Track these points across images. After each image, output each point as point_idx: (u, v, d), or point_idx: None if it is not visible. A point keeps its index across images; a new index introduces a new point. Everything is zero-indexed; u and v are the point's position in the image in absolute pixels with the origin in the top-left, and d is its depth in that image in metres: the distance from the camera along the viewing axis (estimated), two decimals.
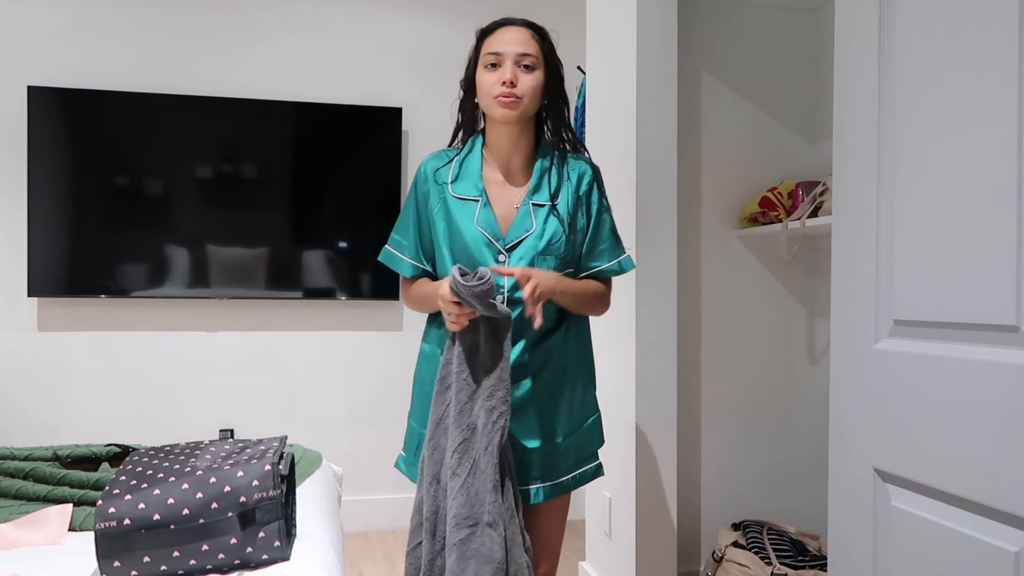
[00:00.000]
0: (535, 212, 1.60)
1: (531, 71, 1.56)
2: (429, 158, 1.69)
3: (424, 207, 1.65)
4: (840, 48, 1.30)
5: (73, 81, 3.17)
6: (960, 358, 1.04)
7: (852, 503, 1.25)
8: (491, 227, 1.59)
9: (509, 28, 1.60)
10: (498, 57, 1.56)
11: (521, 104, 1.55)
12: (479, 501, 1.42)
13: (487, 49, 1.58)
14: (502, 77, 1.54)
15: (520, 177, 1.65)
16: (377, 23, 3.47)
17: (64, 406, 3.19)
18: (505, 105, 1.54)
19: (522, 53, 1.56)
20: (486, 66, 1.58)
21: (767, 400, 2.77)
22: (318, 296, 3.39)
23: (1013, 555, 0.95)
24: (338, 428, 3.42)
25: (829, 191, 2.34)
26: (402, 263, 1.68)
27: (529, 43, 1.58)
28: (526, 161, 1.65)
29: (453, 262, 1.58)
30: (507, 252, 1.59)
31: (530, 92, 1.56)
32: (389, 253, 1.71)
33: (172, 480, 1.37)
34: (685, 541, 2.64)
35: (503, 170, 1.64)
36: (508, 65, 1.55)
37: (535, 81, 1.57)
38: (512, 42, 1.57)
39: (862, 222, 1.23)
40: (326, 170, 3.37)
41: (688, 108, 2.64)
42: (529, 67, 1.56)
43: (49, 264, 3.12)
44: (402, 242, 1.69)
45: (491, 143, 1.65)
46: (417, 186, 1.67)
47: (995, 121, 0.99)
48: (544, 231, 1.59)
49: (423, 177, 1.66)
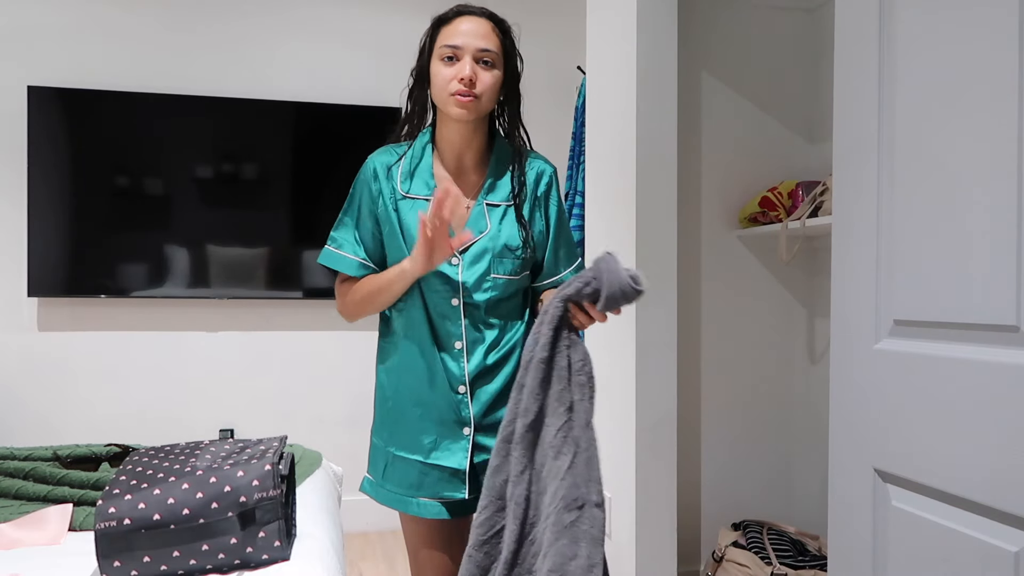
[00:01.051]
0: (489, 212, 1.51)
1: (490, 68, 1.46)
2: (377, 153, 1.58)
3: (373, 206, 1.54)
4: (840, 48, 1.29)
5: (73, 81, 3.17)
6: (960, 358, 1.04)
7: (852, 503, 1.25)
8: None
9: (468, 18, 1.47)
10: (456, 50, 1.44)
11: (479, 104, 1.45)
12: (586, 481, 1.35)
13: (444, 40, 1.46)
14: (460, 73, 1.43)
15: (472, 175, 1.55)
16: (377, 23, 3.47)
17: (64, 406, 3.19)
18: (462, 105, 1.44)
19: (482, 48, 1.44)
20: (442, 58, 1.46)
21: (767, 400, 2.77)
22: (318, 296, 3.39)
23: (1013, 555, 0.95)
24: (338, 428, 3.41)
25: (829, 191, 2.34)
26: (347, 262, 1.54)
27: (490, 37, 1.46)
28: (478, 158, 1.55)
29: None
30: (460, 255, 1.49)
31: (489, 91, 1.46)
32: (331, 254, 1.56)
33: (172, 480, 1.37)
34: (685, 541, 2.64)
35: (454, 167, 1.54)
36: (467, 61, 1.43)
37: (494, 79, 1.46)
38: (472, 34, 1.44)
39: (862, 222, 1.23)
40: (326, 170, 3.37)
41: (688, 108, 2.64)
42: (489, 63, 1.45)
43: (49, 264, 3.12)
44: (346, 242, 1.55)
45: (442, 138, 1.54)
46: (364, 183, 1.56)
47: (995, 120, 0.99)
48: (500, 232, 1.50)
49: (371, 174, 1.55)
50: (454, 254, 1.46)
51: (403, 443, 1.54)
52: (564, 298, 1.37)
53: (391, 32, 3.48)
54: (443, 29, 1.48)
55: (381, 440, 1.61)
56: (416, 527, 1.55)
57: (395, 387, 1.55)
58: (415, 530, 1.55)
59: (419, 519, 1.53)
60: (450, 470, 1.49)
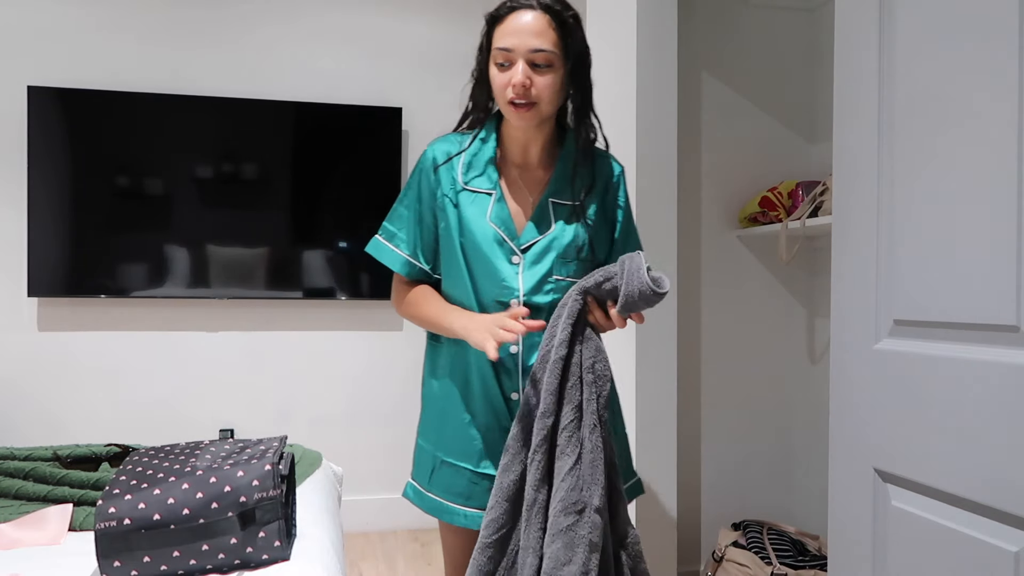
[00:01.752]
0: (554, 211, 1.43)
1: (547, 70, 1.34)
2: (437, 142, 1.48)
3: (430, 197, 1.45)
4: (840, 48, 1.29)
5: (73, 81, 3.17)
6: (960, 358, 1.04)
7: (852, 503, 1.25)
8: (505, 224, 1.41)
9: (522, 13, 1.34)
10: (508, 54, 1.33)
11: (538, 110, 1.36)
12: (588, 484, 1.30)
13: (497, 42, 1.35)
14: (513, 78, 1.32)
15: (538, 170, 1.46)
16: (377, 23, 3.47)
17: (64, 406, 3.19)
18: (519, 114, 1.35)
19: (536, 49, 1.32)
20: (496, 62, 1.36)
21: (767, 400, 2.77)
22: (318, 296, 3.39)
23: (1013, 555, 0.95)
24: (338, 428, 3.42)
25: (829, 191, 2.34)
26: (394, 257, 1.48)
27: (545, 34, 1.32)
28: (544, 152, 1.46)
29: (464, 262, 1.42)
30: (522, 253, 1.41)
31: (546, 94, 1.35)
32: (379, 245, 1.51)
33: (172, 480, 1.37)
34: (685, 541, 2.63)
35: (519, 161, 1.46)
36: (519, 65, 1.32)
37: (551, 81, 1.34)
38: (524, 33, 1.32)
39: (862, 222, 1.23)
40: (326, 170, 3.37)
41: (688, 108, 2.64)
42: (545, 65, 1.33)
43: (49, 264, 3.12)
44: (397, 233, 1.49)
45: (507, 132, 1.45)
46: (422, 173, 1.47)
47: (995, 120, 0.99)
48: (564, 232, 1.42)
49: (430, 164, 1.46)
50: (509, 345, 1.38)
51: (452, 449, 1.46)
52: (582, 290, 1.33)
53: (391, 32, 3.48)
54: (497, 28, 1.37)
55: (428, 443, 1.52)
56: (459, 539, 1.47)
57: (445, 391, 1.48)
58: (458, 543, 1.48)
59: (463, 530, 1.46)
60: None
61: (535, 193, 1.45)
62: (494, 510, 1.34)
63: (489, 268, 1.41)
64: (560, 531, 1.28)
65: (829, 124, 1.39)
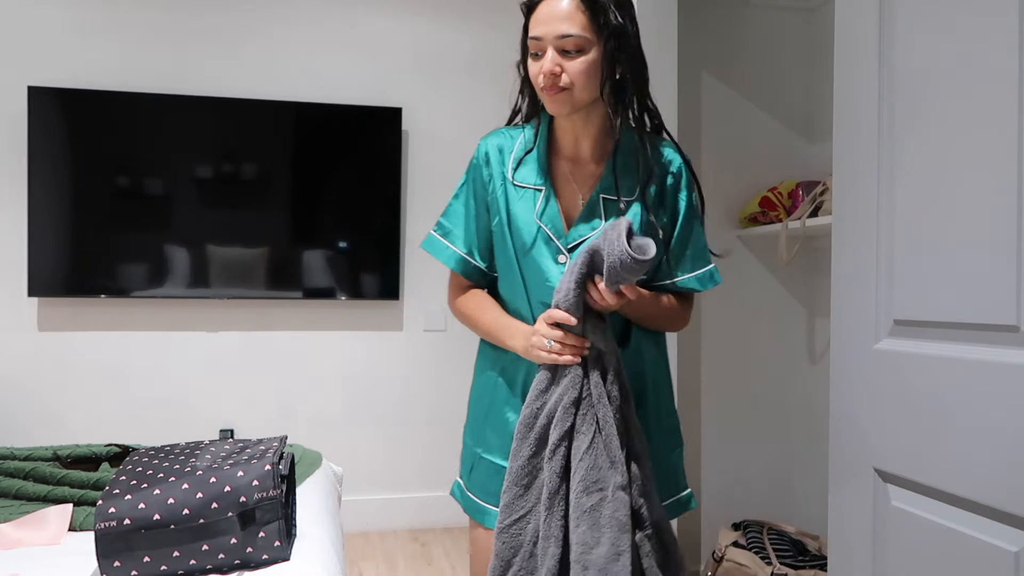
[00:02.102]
0: (605, 207, 1.36)
1: (576, 54, 1.28)
2: (490, 136, 1.45)
3: (483, 192, 1.42)
4: (840, 48, 1.29)
5: (73, 81, 3.17)
6: (960, 358, 1.04)
7: (852, 503, 1.25)
8: (553, 222, 1.36)
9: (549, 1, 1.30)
10: (539, 43, 1.30)
11: (571, 96, 1.30)
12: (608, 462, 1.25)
13: (530, 31, 1.32)
14: (543, 67, 1.29)
15: (591, 164, 1.39)
16: (377, 23, 3.47)
17: (64, 406, 3.19)
18: (552, 101, 1.31)
19: (562, 34, 1.27)
20: (531, 53, 1.32)
21: (767, 400, 2.77)
22: (318, 296, 3.39)
23: (1013, 555, 0.95)
24: (338, 428, 3.42)
25: (829, 191, 2.34)
26: (449, 253, 1.44)
27: (574, 17, 1.27)
28: (597, 145, 1.39)
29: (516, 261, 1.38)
30: (568, 252, 1.36)
31: (580, 79, 1.29)
32: (435, 241, 1.46)
33: (172, 480, 1.37)
34: (685, 541, 2.64)
35: (571, 154, 1.40)
36: (549, 53, 1.29)
37: (584, 65, 1.28)
38: (551, 20, 1.28)
39: (862, 222, 1.23)
40: (326, 170, 3.37)
41: (688, 108, 2.64)
42: (574, 50, 1.28)
43: (49, 264, 3.12)
44: (452, 230, 1.45)
45: (557, 124, 1.40)
46: (475, 169, 1.44)
47: (995, 120, 0.99)
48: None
49: (483, 159, 1.42)
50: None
51: (491, 445, 1.43)
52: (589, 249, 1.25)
53: (391, 32, 3.48)
54: (531, 18, 1.33)
55: (471, 440, 1.49)
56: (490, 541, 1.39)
57: (490, 390, 1.45)
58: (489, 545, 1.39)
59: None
60: None
61: (586, 189, 1.39)
62: (506, 494, 1.31)
63: (535, 267, 1.37)
64: (584, 512, 1.23)
65: (829, 124, 1.39)
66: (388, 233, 3.40)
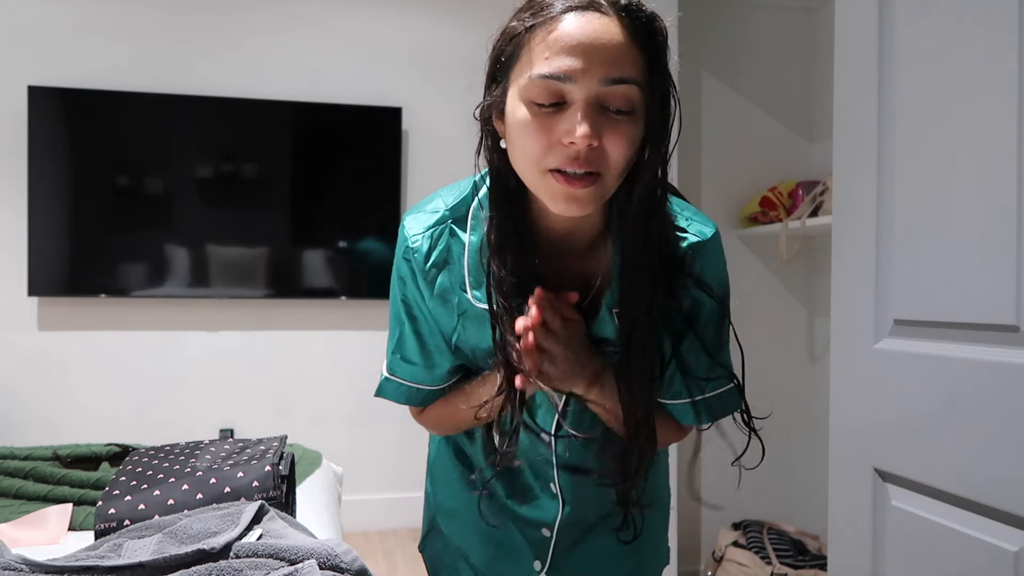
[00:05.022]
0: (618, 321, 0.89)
1: (626, 118, 0.78)
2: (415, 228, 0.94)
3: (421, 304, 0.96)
4: (840, 48, 1.29)
5: (73, 81, 3.17)
6: (960, 358, 1.04)
7: (852, 503, 1.25)
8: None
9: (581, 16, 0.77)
10: (560, 87, 0.76)
11: (601, 185, 0.80)
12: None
13: (539, 64, 0.77)
14: (576, 129, 0.75)
15: (582, 260, 0.92)
16: (377, 23, 3.47)
17: (64, 406, 3.19)
18: (571, 188, 0.78)
19: (614, 79, 0.76)
20: (530, 100, 0.78)
21: (767, 400, 2.77)
22: (318, 296, 3.39)
23: (1013, 555, 0.95)
24: (338, 428, 3.42)
25: (829, 191, 2.34)
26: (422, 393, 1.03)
27: (628, 55, 0.77)
28: (595, 235, 0.92)
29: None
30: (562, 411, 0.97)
31: (622, 160, 0.79)
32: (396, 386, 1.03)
33: (172, 481, 1.37)
34: (685, 541, 2.63)
35: (553, 253, 0.91)
36: (581, 107, 0.76)
37: (631, 137, 0.79)
38: (594, 51, 0.75)
39: (862, 222, 1.23)
40: (326, 170, 3.37)
41: (688, 108, 2.64)
42: (625, 111, 0.78)
43: (49, 263, 3.12)
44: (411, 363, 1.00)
45: (536, 210, 0.90)
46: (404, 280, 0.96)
47: (995, 120, 0.99)
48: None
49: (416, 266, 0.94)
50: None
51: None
52: None
53: (391, 32, 3.48)
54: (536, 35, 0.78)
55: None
56: None
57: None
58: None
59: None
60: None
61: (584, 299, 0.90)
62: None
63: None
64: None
65: (829, 124, 1.39)
66: (388, 233, 3.41)
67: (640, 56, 0.78)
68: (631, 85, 0.77)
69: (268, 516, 1.04)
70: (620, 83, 0.76)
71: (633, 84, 0.77)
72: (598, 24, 0.76)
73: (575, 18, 0.76)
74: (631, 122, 0.78)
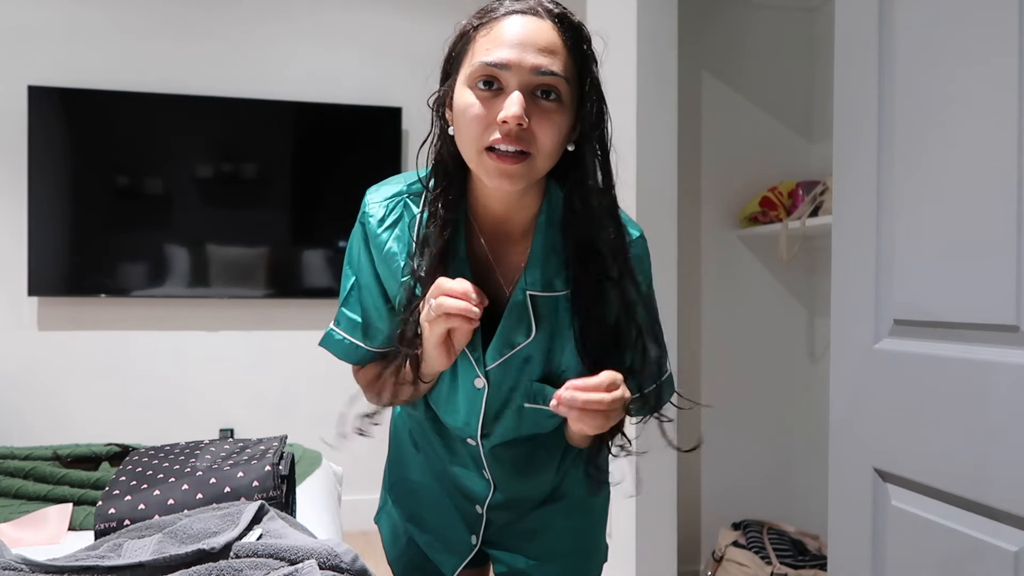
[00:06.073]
0: (539, 307, 0.99)
1: (554, 104, 0.90)
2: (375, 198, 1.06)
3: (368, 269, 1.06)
4: (840, 48, 1.29)
5: (73, 81, 3.17)
6: (960, 358, 1.04)
7: (852, 503, 1.25)
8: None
9: (520, 17, 0.90)
10: (497, 73, 0.88)
11: (532, 163, 0.90)
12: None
13: (482, 54, 0.89)
14: (508, 110, 0.86)
15: (520, 246, 1.01)
16: (377, 23, 3.47)
17: (64, 405, 3.19)
18: (503, 164, 0.89)
19: (543, 70, 0.88)
20: (475, 83, 0.90)
21: (767, 400, 2.77)
22: (318, 296, 3.39)
23: (1013, 555, 0.95)
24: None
25: (829, 191, 2.34)
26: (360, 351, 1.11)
27: (556, 50, 0.90)
28: (528, 223, 1.01)
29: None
30: (486, 377, 1.01)
31: (551, 141, 0.90)
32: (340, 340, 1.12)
33: (172, 481, 1.37)
34: (685, 541, 2.63)
35: (492, 237, 1.01)
36: (515, 94, 0.87)
37: (559, 121, 0.90)
38: (526, 45, 0.88)
39: (862, 222, 1.23)
40: (326, 170, 3.37)
41: (688, 108, 2.64)
42: (551, 94, 0.89)
43: (49, 263, 3.12)
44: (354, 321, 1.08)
45: (477, 190, 1.00)
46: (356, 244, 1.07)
47: (995, 120, 0.99)
48: (554, 343, 1.00)
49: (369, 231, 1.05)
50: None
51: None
52: None
53: (391, 32, 3.48)
54: (478, 38, 0.92)
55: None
56: None
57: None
58: None
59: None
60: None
61: (509, 283, 1.00)
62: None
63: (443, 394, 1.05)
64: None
65: (829, 124, 1.39)
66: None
67: (569, 56, 0.91)
68: (559, 78, 0.89)
69: (268, 516, 1.04)
70: (550, 75, 0.88)
71: (561, 78, 0.89)
72: (534, 26, 0.90)
73: (515, 19, 0.90)
74: (559, 111, 0.90)
